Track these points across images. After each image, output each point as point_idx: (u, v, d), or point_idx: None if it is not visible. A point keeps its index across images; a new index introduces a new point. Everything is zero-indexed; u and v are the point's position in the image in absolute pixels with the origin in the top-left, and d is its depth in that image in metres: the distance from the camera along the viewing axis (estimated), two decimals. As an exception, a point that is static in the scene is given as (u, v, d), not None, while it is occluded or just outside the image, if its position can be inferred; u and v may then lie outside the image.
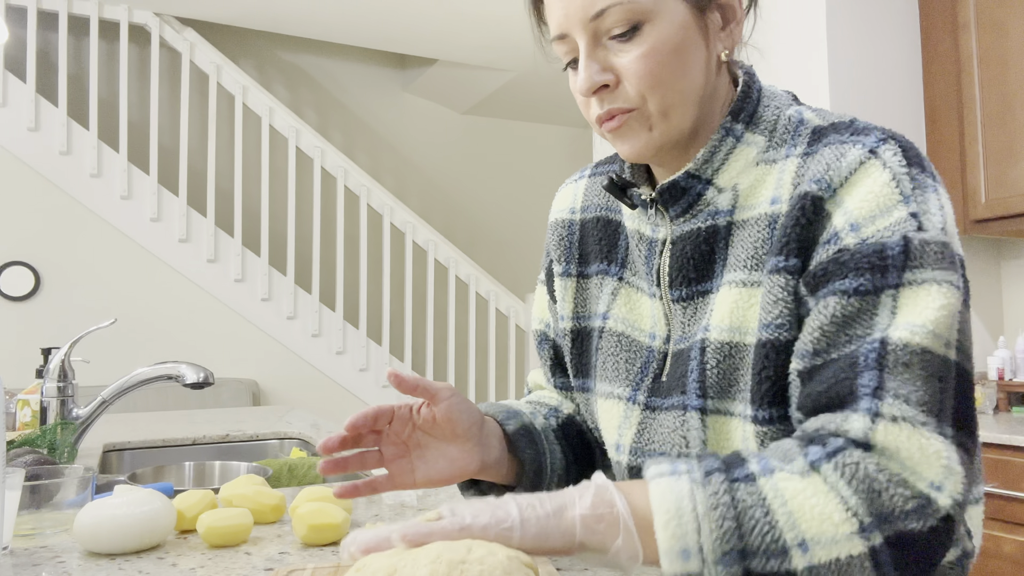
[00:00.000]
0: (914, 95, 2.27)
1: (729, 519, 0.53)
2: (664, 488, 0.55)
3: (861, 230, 0.61)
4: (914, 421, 0.55)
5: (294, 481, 1.51)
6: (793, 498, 0.54)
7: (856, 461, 0.54)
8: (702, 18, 0.71)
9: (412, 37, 4.42)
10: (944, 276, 0.59)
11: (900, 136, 0.66)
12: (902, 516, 0.53)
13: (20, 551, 0.87)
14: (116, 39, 4.44)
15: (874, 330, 0.58)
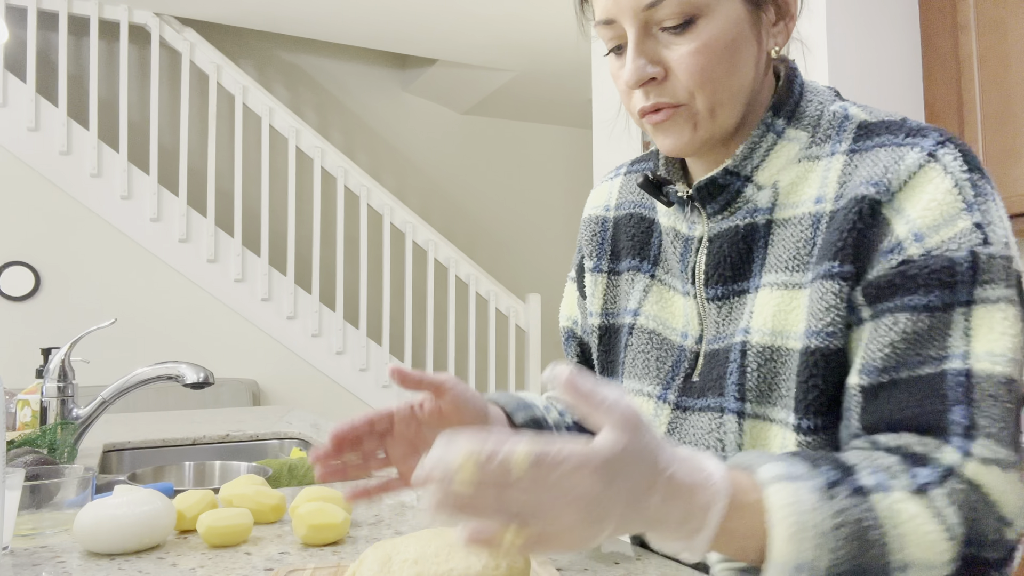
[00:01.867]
0: (914, 95, 2.27)
1: (851, 539, 0.52)
2: (788, 496, 0.52)
3: (925, 240, 0.59)
4: (1004, 463, 0.56)
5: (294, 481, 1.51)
6: (906, 522, 0.53)
7: (962, 490, 0.55)
8: (757, 13, 0.69)
9: (412, 37, 4.42)
10: (1012, 294, 0.59)
11: (957, 138, 0.64)
12: (986, 545, 0.55)
13: (20, 551, 0.87)
14: (116, 39, 4.44)
15: (949, 351, 0.57)
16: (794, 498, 0.52)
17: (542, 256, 5.91)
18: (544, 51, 4.52)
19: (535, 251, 5.90)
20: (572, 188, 6.05)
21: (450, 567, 0.62)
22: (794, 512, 0.52)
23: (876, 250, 0.61)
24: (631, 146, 2.86)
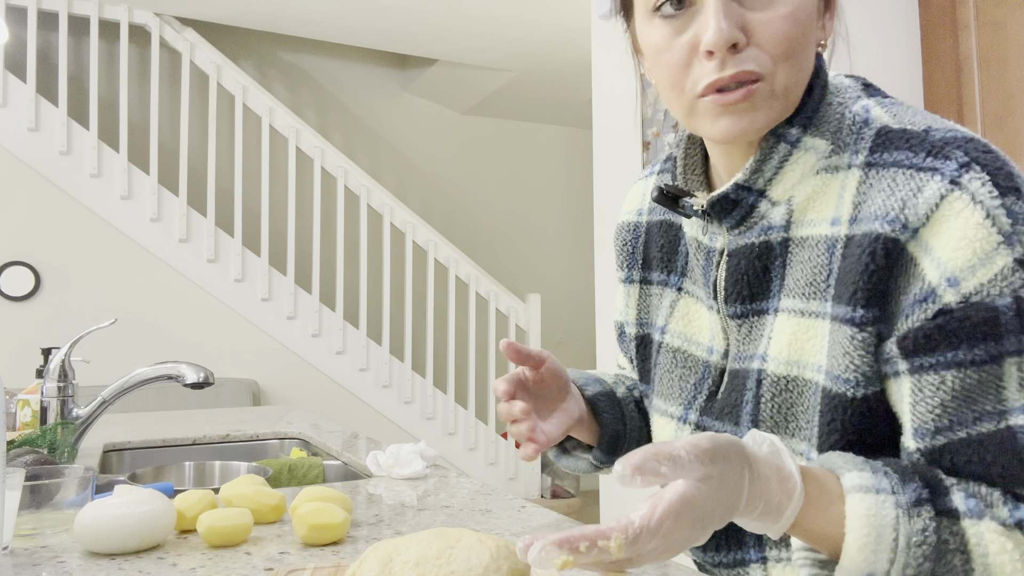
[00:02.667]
0: (914, 95, 2.27)
1: (930, 560, 0.51)
2: (868, 508, 0.52)
3: (961, 286, 0.54)
4: None
5: (294, 481, 1.51)
6: (996, 554, 0.51)
7: None
8: (819, 13, 0.65)
9: (412, 37, 4.42)
10: None
11: (986, 154, 0.58)
12: None
13: (20, 551, 0.87)
14: (116, 39, 4.44)
15: (1008, 405, 0.53)
16: (874, 511, 0.52)
17: (542, 256, 5.91)
18: (544, 51, 4.52)
19: (535, 251, 5.90)
20: (572, 188, 6.05)
21: (451, 569, 0.62)
22: (871, 525, 0.51)
23: (905, 295, 0.56)
24: (631, 146, 2.86)
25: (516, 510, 1.06)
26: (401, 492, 1.18)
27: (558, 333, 5.80)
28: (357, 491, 1.19)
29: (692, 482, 0.48)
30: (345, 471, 1.61)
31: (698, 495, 0.48)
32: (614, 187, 2.95)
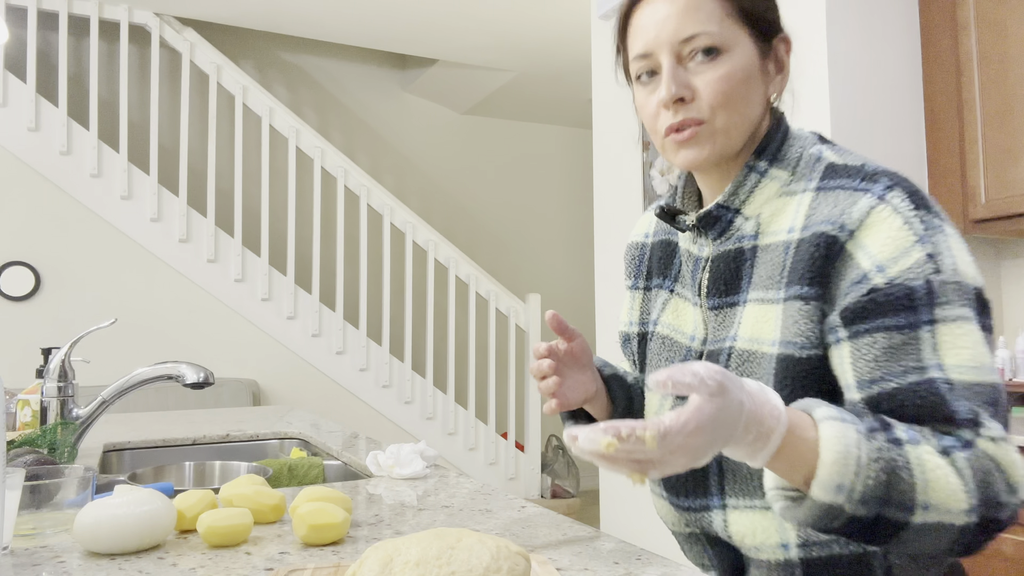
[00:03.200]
0: (914, 95, 2.28)
1: (884, 472, 0.64)
2: (837, 431, 0.65)
3: (887, 271, 0.72)
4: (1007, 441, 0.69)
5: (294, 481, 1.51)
6: (932, 470, 0.65)
7: (978, 457, 0.67)
8: (764, 62, 0.83)
9: (412, 37, 4.42)
10: (966, 312, 0.71)
11: (905, 182, 0.76)
12: (998, 506, 0.67)
13: (20, 551, 0.87)
14: (116, 39, 4.44)
15: (925, 363, 0.70)
16: (842, 433, 0.65)
17: (542, 256, 5.91)
18: (544, 51, 4.52)
19: (535, 251, 5.90)
20: (572, 188, 6.05)
21: (452, 570, 0.62)
22: (841, 443, 0.64)
23: (844, 280, 0.74)
24: (631, 146, 2.86)
25: (516, 510, 1.06)
26: (401, 492, 1.18)
27: (558, 333, 5.79)
28: (357, 491, 1.19)
29: (707, 398, 0.60)
30: (345, 471, 1.61)
31: (713, 409, 0.60)
32: (614, 187, 2.95)
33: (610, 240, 2.98)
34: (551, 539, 0.91)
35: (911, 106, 2.27)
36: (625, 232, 2.89)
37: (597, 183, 3.07)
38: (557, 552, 0.86)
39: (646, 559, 0.83)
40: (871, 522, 0.66)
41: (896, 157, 2.22)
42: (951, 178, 2.21)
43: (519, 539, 0.91)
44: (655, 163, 2.65)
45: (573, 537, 0.92)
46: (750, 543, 0.81)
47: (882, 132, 2.20)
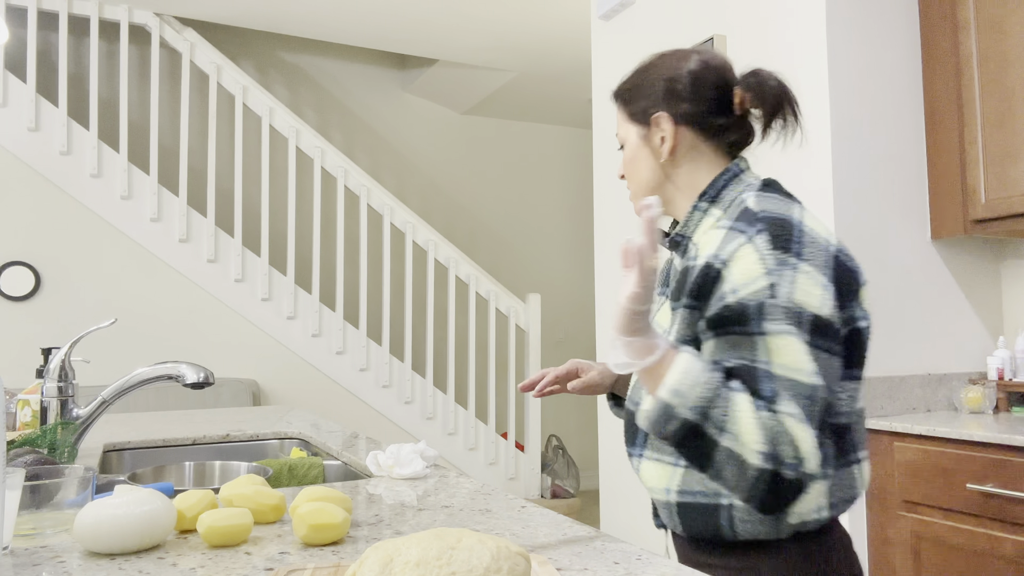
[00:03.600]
0: (914, 95, 2.27)
1: (710, 393, 0.89)
2: (688, 357, 0.91)
3: (738, 293, 0.94)
4: (800, 418, 0.89)
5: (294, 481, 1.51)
6: (742, 410, 0.88)
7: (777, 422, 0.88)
8: (645, 141, 1.12)
9: (412, 37, 4.42)
10: (792, 329, 0.92)
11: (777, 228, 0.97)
12: (785, 464, 0.87)
13: (20, 551, 0.87)
14: (116, 39, 4.44)
15: (756, 357, 0.93)
16: (691, 358, 0.91)
17: (542, 256, 5.91)
18: (544, 51, 4.52)
19: (535, 251, 5.90)
20: (572, 188, 6.05)
21: (452, 570, 0.62)
22: (687, 363, 0.91)
23: (714, 297, 0.97)
24: (631, 146, 2.86)
25: (516, 510, 1.06)
26: (401, 492, 1.18)
27: (558, 333, 5.80)
28: (357, 491, 1.19)
29: None
30: (345, 471, 1.61)
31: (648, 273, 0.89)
32: (614, 187, 2.95)
33: (610, 240, 2.98)
34: (551, 539, 0.91)
35: (911, 106, 2.27)
36: (625, 232, 2.89)
37: (597, 183, 3.07)
38: (557, 552, 0.86)
39: (646, 559, 0.83)
40: (693, 430, 0.89)
41: (896, 157, 2.22)
42: (951, 178, 2.21)
43: (519, 539, 0.91)
44: (655, 163, 2.65)
45: (573, 537, 0.92)
46: (649, 485, 1.08)
47: (882, 132, 2.20)
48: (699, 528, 1.01)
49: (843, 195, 2.11)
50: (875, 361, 2.11)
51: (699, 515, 1.01)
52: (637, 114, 1.12)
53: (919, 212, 2.25)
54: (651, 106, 1.10)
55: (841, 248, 1.00)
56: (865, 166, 2.16)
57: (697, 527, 1.01)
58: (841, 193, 2.11)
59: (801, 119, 1.12)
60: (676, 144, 1.09)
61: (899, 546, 1.96)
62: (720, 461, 0.89)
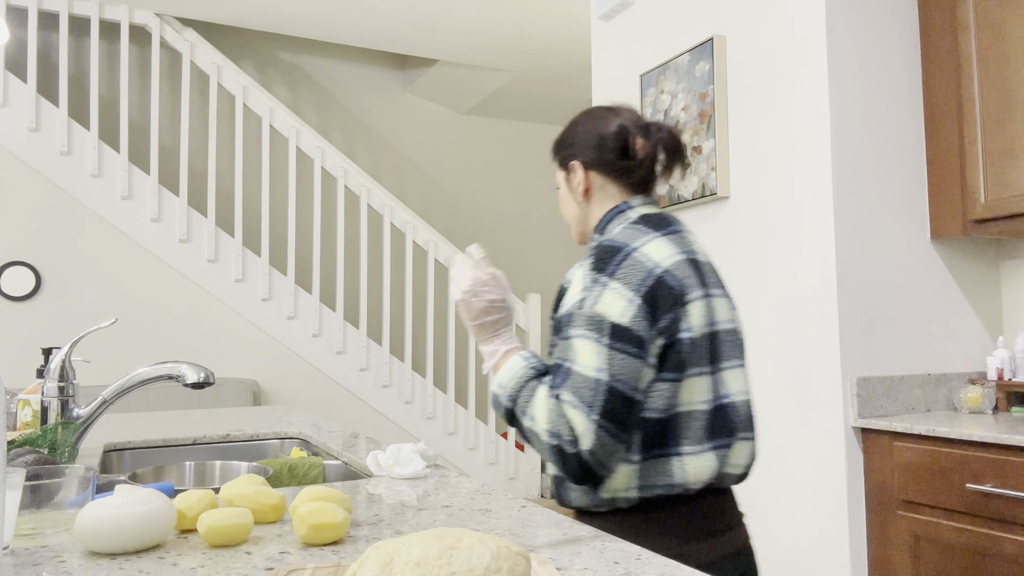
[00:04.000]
0: (914, 95, 2.28)
1: (519, 385, 1.17)
2: (515, 358, 1.20)
3: (564, 307, 1.20)
4: (577, 406, 1.09)
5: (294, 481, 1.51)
6: (539, 397, 1.13)
7: (561, 408, 1.11)
8: (568, 185, 1.35)
9: (412, 37, 4.42)
10: (591, 334, 1.12)
11: (604, 254, 1.16)
12: (564, 440, 1.09)
13: (21, 551, 0.87)
14: (117, 39, 4.44)
15: (567, 357, 1.14)
16: (517, 359, 1.20)
17: (542, 256, 5.91)
18: (544, 51, 4.52)
19: (535, 251, 5.91)
20: (572, 188, 6.04)
21: (452, 570, 0.62)
22: (512, 363, 1.19)
23: (559, 309, 1.22)
24: (631, 146, 2.87)
25: (516, 510, 1.06)
26: (401, 492, 1.18)
27: (558, 333, 5.80)
28: (357, 491, 1.19)
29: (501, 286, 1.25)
30: (345, 471, 1.61)
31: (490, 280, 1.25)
32: (614, 187, 2.95)
33: (610, 240, 2.98)
34: (551, 539, 0.91)
35: (911, 106, 2.27)
36: (625, 232, 2.90)
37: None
38: (557, 552, 0.86)
39: (646, 559, 0.83)
40: (509, 412, 1.17)
41: (896, 157, 2.23)
42: (950, 178, 2.21)
43: (519, 539, 0.92)
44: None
45: (573, 537, 0.92)
46: None
47: (882, 132, 2.20)
48: (558, 497, 1.25)
49: (843, 195, 2.11)
50: (875, 361, 2.12)
51: (555, 486, 1.25)
52: (561, 162, 1.36)
53: (919, 212, 2.25)
54: (569, 156, 1.33)
55: (669, 271, 1.14)
56: (865, 166, 2.16)
57: (557, 496, 1.25)
58: (841, 193, 2.11)
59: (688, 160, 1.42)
60: (588, 186, 1.31)
61: (899, 546, 1.97)
62: (530, 438, 1.14)
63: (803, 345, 2.16)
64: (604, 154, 1.30)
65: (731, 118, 2.41)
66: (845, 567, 2.03)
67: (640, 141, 1.29)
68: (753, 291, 2.32)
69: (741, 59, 2.38)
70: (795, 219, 2.20)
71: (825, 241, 2.11)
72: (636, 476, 1.14)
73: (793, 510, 2.17)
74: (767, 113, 2.29)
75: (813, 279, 2.14)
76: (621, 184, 1.30)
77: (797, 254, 2.19)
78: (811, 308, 2.14)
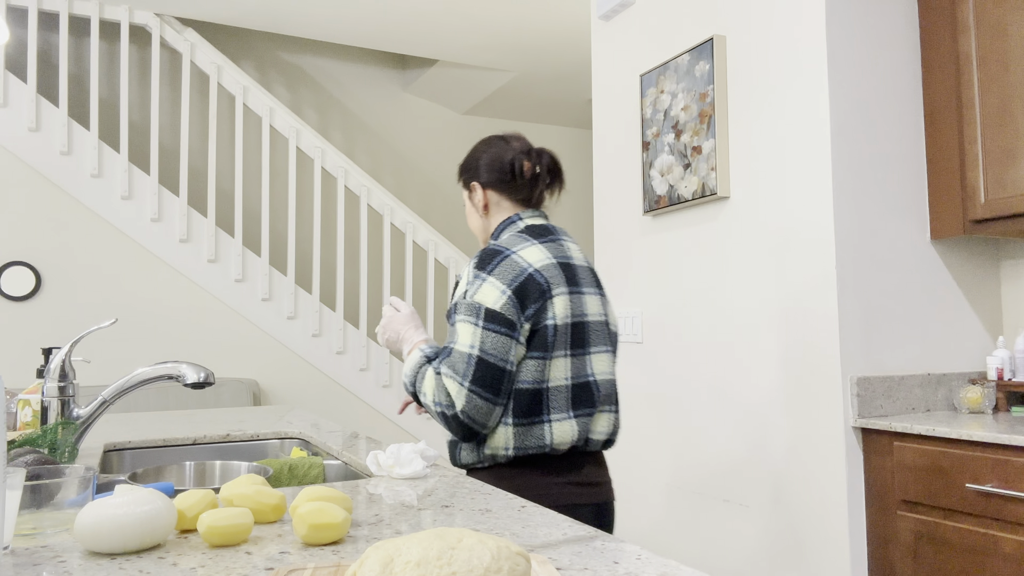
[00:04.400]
0: (914, 95, 2.28)
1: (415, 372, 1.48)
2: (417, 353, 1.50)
3: (459, 296, 1.46)
4: (448, 375, 1.41)
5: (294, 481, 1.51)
6: (427, 378, 1.45)
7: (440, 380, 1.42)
8: (471, 202, 1.63)
9: (412, 37, 4.42)
10: (471, 319, 1.40)
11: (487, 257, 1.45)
12: (444, 406, 1.40)
13: (21, 551, 0.87)
14: (117, 39, 4.44)
15: (450, 339, 1.44)
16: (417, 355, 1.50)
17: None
18: (544, 51, 4.52)
19: (535, 251, 5.91)
20: (572, 188, 6.05)
21: (453, 570, 0.62)
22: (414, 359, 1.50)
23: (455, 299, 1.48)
24: (631, 146, 2.86)
25: (516, 510, 1.06)
26: (401, 492, 1.18)
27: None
28: (357, 491, 1.19)
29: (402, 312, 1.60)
30: (345, 471, 1.61)
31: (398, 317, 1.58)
32: (614, 187, 2.95)
33: (610, 240, 2.98)
34: (551, 539, 0.91)
35: (910, 106, 2.28)
36: (625, 233, 2.89)
37: (597, 183, 3.07)
38: (557, 552, 0.86)
39: (646, 559, 0.84)
40: (414, 394, 1.49)
41: (895, 157, 2.23)
42: (950, 178, 2.21)
43: (519, 539, 0.92)
44: (655, 163, 2.65)
45: (573, 537, 0.92)
46: None
47: (881, 132, 2.21)
48: (452, 458, 1.51)
49: (843, 195, 2.11)
50: (875, 361, 2.12)
51: (449, 450, 1.52)
52: (465, 183, 1.64)
53: (919, 212, 2.25)
54: (471, 177, 1.62)
55: (539, 270, 1.43)
56: (865, 166, 2.17)
57: (451, 458, 1.52)
58: (841, 193, 2.11)
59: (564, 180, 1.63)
60: (487, 202, 1.60)
61: (898, 546, 1.97)
62: (429, 412, 1.45)
63: (803, 345, 2.16)
64: (498, 175, 1.58)
65: (731, 118, 2.41)
66: (845, 567, 2.03)
67: (527, 164, 1.56)
68: (753, 291, 2.32)
69: (741, 59, 2.38)
70: (795, 218, 2.20)
71: (825, 241, 2.11)
72: (513, 438, 1.42)
73: (793, 510, 2.17)
74: (767, 113, 2.29)
75: (813, 279, 2.14)
76: (513, 200, 1.58)
77: (797, 254, 2.19)
78: (811, 308, 2.14)
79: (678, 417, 2.60)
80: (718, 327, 2.44)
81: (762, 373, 2.28)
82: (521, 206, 1.58)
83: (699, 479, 2.51)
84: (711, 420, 2.46)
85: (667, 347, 2.66)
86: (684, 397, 2.57)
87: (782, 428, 2.22)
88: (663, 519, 2.67)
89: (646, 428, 2.75)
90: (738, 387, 2.36)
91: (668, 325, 2.66)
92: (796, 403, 2.18)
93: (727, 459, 2.40)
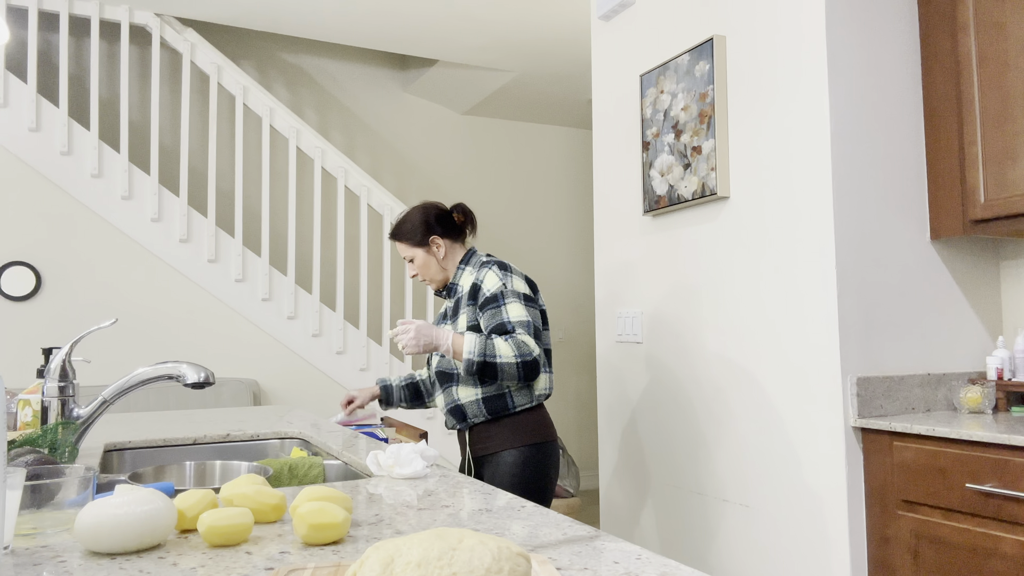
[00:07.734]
0: (914, 95, 2.28)
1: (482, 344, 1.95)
2: (470, 335, 1.97)
3: (488, 291, 2.06)
4: (522, 333, 2.00)
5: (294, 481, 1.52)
6: (498, 344, 1.96)
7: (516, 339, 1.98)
8: (429, 254, 2.19)
9: (412, 37, 4.42)
10: (514, 300, 2.04)
11: (499, 264, 2.12)
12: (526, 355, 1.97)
13: (21, 551, 0.87)
14: (117, 40, 4.44)
15: (502, 317, 2.02)
16: (470, 333, 1.99)
17: (542, 256, 5.91)
18: (544, 51, 4.52)
19: (535, 251, 5.90)
20: (572, 188, 6.05)
21: (453, 571, 0.62)
22: (469, 336, 1.97)
23: (479, 297, 2.07)
24: (631, 146, 2.86)
25: (516, 510, 1.06)
26: (401, 492, 1.18)
27: (558, 333, 5.80)
28: (357, 491, 1.19)
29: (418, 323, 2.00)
30: (345, 471, 1.62)
31: (419, 324, 1.99)
32: (614, 187, 2.95)
33: (610, 240, 2.98)
34: (551, 539, 0.92)
35: (910, 106, 2.28)
36: (625, 233, 2.89)
37: (597, 183, 3.07)
38: (557, 552, 0.86)
39: (646, 559, 0.84)
40: (483, 364, 1.93)
41: (895, 157, 2.23)
42: (950, 178, 2.21)
43: (519, 539, 0.92)
44: (655, 163, 2.65)
45: (573, 537, 0.92)
46: (461, 396, 2.11)
47: (881, 132, 2.21)
48: (496, 408, 2.07)
49: (842, 195, 2.11)
50: (874, 361, 2.12)
51: (495, 401, 2.07)
52: (420, 241, 2.18)
53: (918, 212, 2.25)
54: (428, 233, 2.17)
55: (526, 275, 2.15)
56: (864, 166, 2.17)
57: (495, 407, 2.07)
58: (840, 193, 2.11)
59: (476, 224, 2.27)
60: (447, 249, 2.19)
61: (898, 545, 1.97)
62: (503, 371, 1.94)
63: (803, 345, 2.16)
64: (447, 226, 2.19)
65: (731, 118, 2.41)
66: (845, 567, 2.03)
67: (457, 215, 2.22)
68: (752, 291, 2.32)
69: (741, 59, 2.38)
70: (795, 219, 2.20)
71: (825, 241, 2.11)
72: (549, 383, 2.14)
73: (793, 510, 2.17)
74: (767, 113, 2.29)
75: (813, 279, 2.14)
76: (458, 241, 2.22)
77: (797, 254, 2.19)
78: (811, 308, 2.14)
79: (678, 417, 2.60)
80: (718, 327, 2.44)
81: (762, 373, 2.28)
82: (462, 244, 2.23)
83: (699, 479, 2.51)
84: (711, 420, 2.46)
85: (667, 347, 2.66)
86: (683, 397, 2.57)
87: (782, 428, 2.22)
88: (663, 519, 2.67)
89: (646, 428, 2.75)
90: (738, 387, 2.36)
91: (668, 325, 2.66)
92: (796, 403, 2.18)
93: (727, 459, 2.40)
